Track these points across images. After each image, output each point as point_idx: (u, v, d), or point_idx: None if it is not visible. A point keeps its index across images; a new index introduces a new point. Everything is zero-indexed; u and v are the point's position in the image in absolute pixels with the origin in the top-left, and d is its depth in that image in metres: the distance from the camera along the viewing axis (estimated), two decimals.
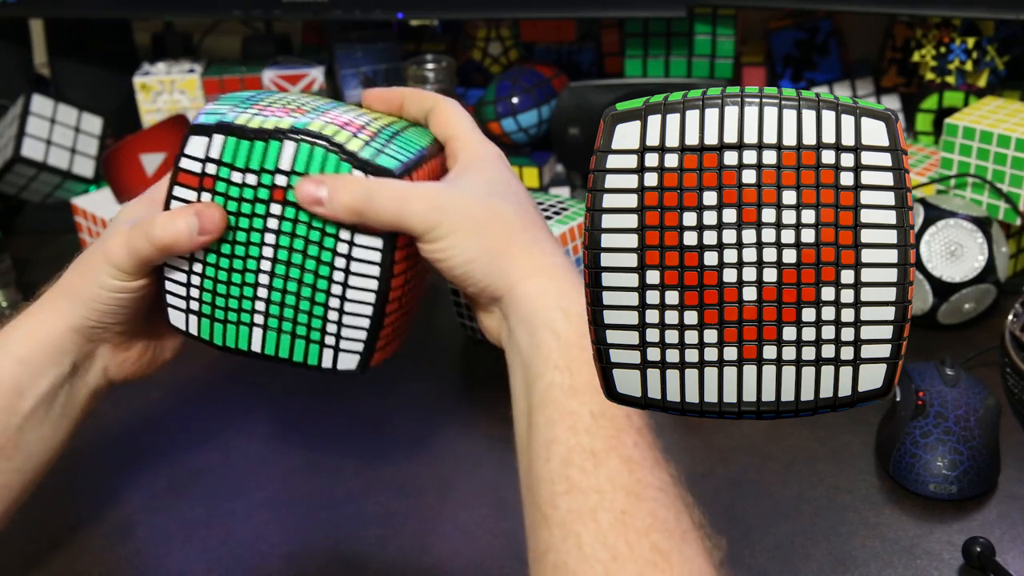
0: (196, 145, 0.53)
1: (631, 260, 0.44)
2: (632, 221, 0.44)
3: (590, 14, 0.96)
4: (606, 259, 0.44)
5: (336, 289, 0.53)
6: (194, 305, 0.55)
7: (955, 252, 0.76)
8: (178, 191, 0.54)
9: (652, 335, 0.44)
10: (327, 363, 0.55)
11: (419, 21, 1.14)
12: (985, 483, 0.63)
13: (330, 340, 0.54)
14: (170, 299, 0.56)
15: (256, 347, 0.55)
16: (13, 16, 1.07)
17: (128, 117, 1.08)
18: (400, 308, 0.56)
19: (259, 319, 0.55)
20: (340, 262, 0.53)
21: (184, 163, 0.54)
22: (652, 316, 0.44)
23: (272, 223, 0.53)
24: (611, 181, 0.44)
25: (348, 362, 0.55)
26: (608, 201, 0.44)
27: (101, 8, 1.03)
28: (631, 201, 0.44)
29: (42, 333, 0.55)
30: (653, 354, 0.45)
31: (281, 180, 0.52)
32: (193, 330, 0.56)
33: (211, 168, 0.53)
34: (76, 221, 0.95)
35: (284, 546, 0.63)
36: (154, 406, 0.77)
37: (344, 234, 0.53)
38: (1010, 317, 0.69)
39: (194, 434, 0.73)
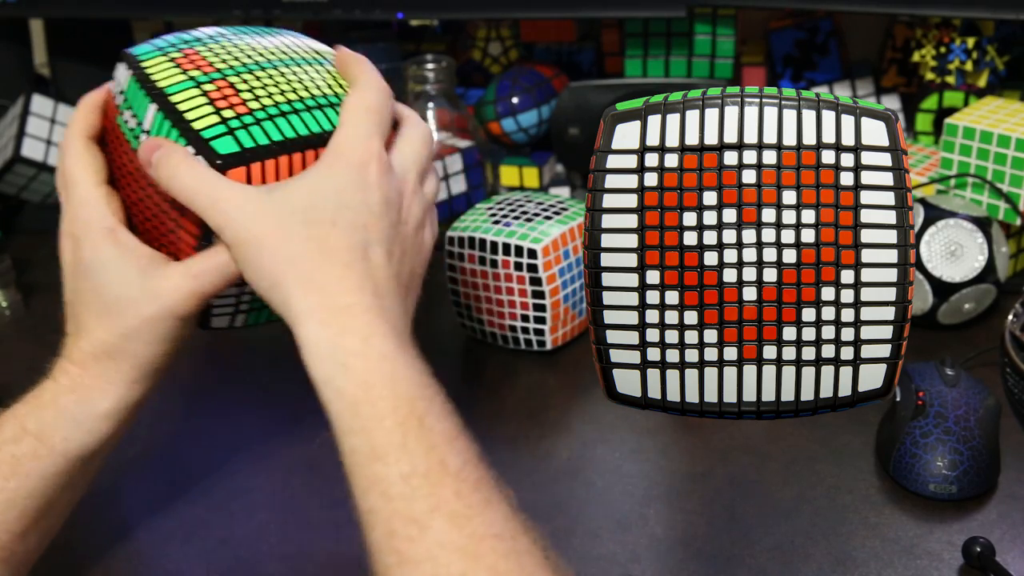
0: (118, 71, 0.57)
1: (631, 260, 0.44)
2: (632, 221, 0.44)
3: (590, 14, 0.96)
4: (606, 259, 0.44)
5: None
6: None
7: (955, 252, 0.76)
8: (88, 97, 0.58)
9: (652, 335, 0.44)
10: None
11: (419, 21, 1.14)
12: (985, 483, 0.63)
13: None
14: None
15: None
16: (13, 16, 1.07)
17: None
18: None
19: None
20: None
21: (110, 84, 0.58)
22: (652, 316, 0.44)
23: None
24: (611, 181, 0.44)
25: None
26: (608, 201, 0.44)
27: (101, 8, 1.03)
28: (631, 201, 0.44)
29: (71, 378, 0.53)
30: (653, 354, 0.45)
31: (143, 138, 0.53)
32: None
33: (119, 100, 0.56)
34: None
35: (284, 546, 0.63)
36: (154, 406, 0.77)
37: None
38: (1010, 317, 0.69)
39: (194, 434, 0.73)
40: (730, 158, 0.43)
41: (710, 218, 0.43)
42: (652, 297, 0.44)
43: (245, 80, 0.54)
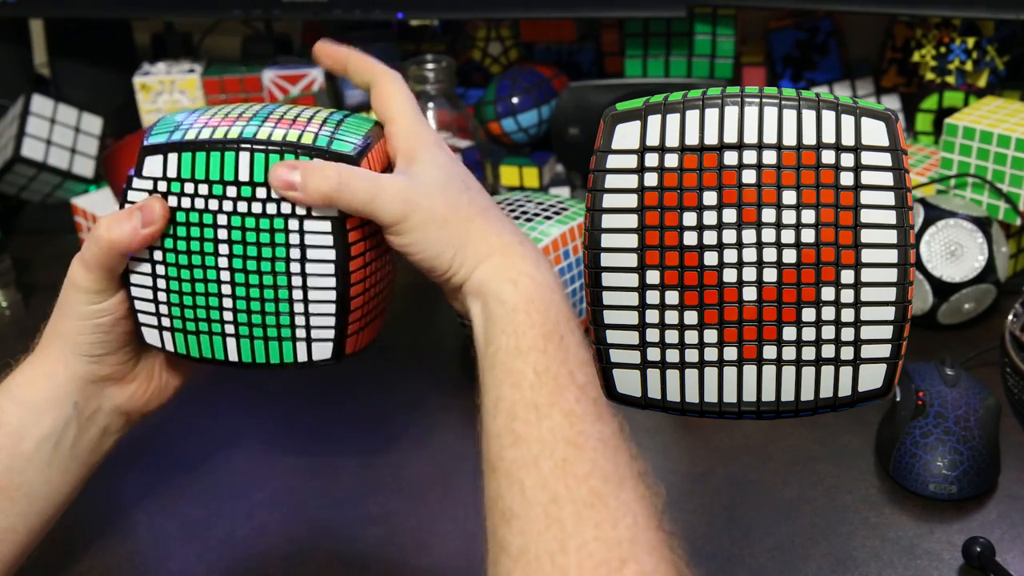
0: (152, 165, 0.54)
1: (631, 260, 0.44)
2: (632, 221, 0.44)
3: (590, 14, 0.96)
4: (606, 259, 0.44)
5: (296, 281, 0.54)
6: (165, 321, 0.56)
7: (955, 252, 0.76)
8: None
9: (652, 335, 0.44)
10: (302, 357, 0.55)
11: (419, 21, 1.14)
12: (985, 483, 0.63)
13: (301, 333, 0.54)
14: (141, 317, 0.56)
15: (232, 356, 0.55)
16: (13, 16, 1.07)
17: (128, 117, 1.08)
18: (368, 290, 0.56)
19: (229, 328, 0.55)
20: (295, 252, 0.53)
21: (136, 183, 0.54)
22: (652, 316, 0.44)
23: (222, 233, 0.53)
24: (611, 181, 0.44)
25: (322, 351, 0.55)
26: (608, 201, 0.44)
27: (101, 8, 1.03)
28: (631, 201, 0.44)
29: (41, 377, 0.55)
30: (653, 354, 0.45)
31: (232, 191, 0.53)
32: (169, 346, 0.56)
33: (162, 186, 0.54)
34: (76, 221, 0.95)
35: (284, 546, 0.63)
36: None
37: (293, 224, 0.53)
38: (1010, 317, 0.69)
39: (194, 434, 0.73)
40: (730, 158, 0.43)
41: (710, 218, 0.43)
42: (652, 297, 0.44)
43: (275, 121, 0.55)
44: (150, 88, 1.05)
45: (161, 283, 0.55)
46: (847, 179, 0.43)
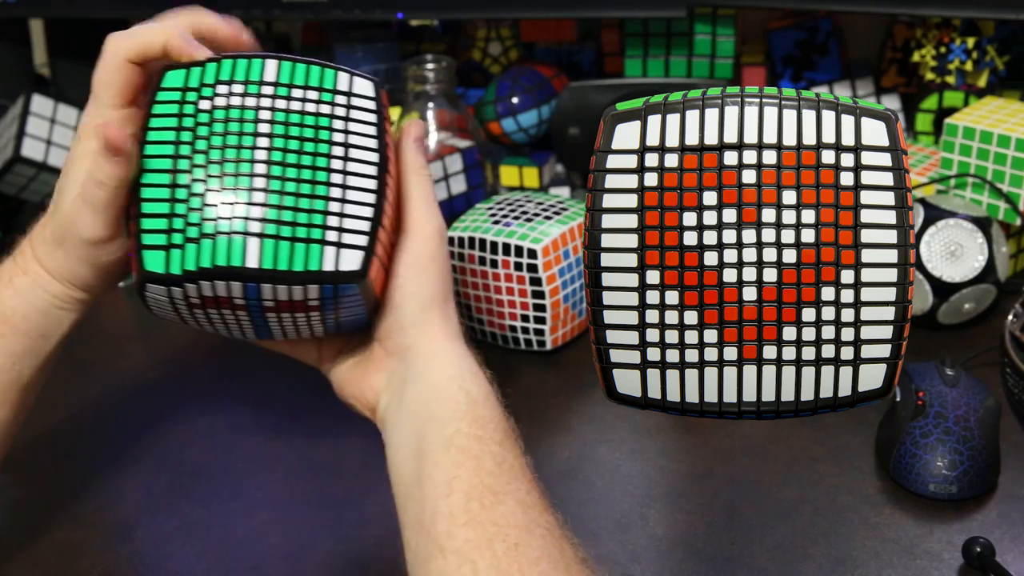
0: (174, 78, 0.54)
1: (631, 260, 0.44)
2: (632, 221, 0.44)
3: (590, 14, 0.96)
4: (606, 259, 0.44)
5: (336, 178, 0.53)
6: (176, 238, 0.51)
7: (955, 252, 0.76)
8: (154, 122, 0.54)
9: (652, 335, 0.44)
10: (329, 264, 0.52)
11: (419, 21, 1.14)
12: (985, 483, 0.63)
13: (332, 236, 0.52)
14: (149, 239, 0.52)
15: (252, 262, 0.51)
16: (13, 16, 1.07)
17: None
18: (389, 220, 0.56)
19: (255, 227, 0.51)
20: (338, 150, 0.53)
21: (160, 95, 0.54)
22: (652, 316, 0.44)
23: (263, 128, 0.53)
24: (611, 181, 0.44)
25: (351, 261, 0.52)
26: (608, 201, 0.44)
27: (101, 8, 1.03)
28: (631, 201, 0.44)
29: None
30: (653, 354, 0.45)
31: (268, 90, 0.53)
32: (175, 267, 0.51)
33: (191, 95, 0.54)
34: None
35: (284, 546, 0.63)
36: (154, 406, 0.77)
37: (338, 124, 0.54)
38: (1010, 317, 0.69)
39: (194, 434, 0.73)
40: (730, 158, 0.43)
41: (710, 218, 0.43)
42: (652, 297, 0.44)
43: None
44: None
45: (180, 192, 0.52)
46: (847, 179, 0.43)
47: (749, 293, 0.43)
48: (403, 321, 0.55)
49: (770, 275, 0.43)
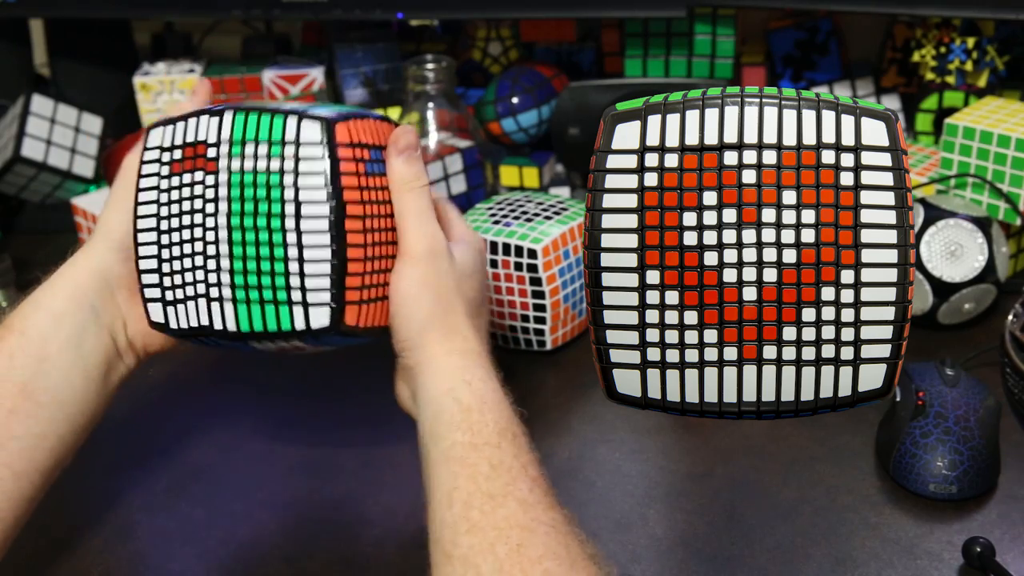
0: (154, 137, 0.58)
1: (631, 260, 0.44)
2: (632, 221, 0.44)
3: (590, 14, 0.96)
4: (606, 259, 0.44)
5: (291, 237, 0.54)
6: (168, 294, 0.57)
7: (955, 252, 0.76)
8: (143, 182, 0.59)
9: (652, 335, 0.44)
10: (299, 324, 0.54)
11: (419, 21, 1.14)
12: (985, 483, 0.63)
13: (297, 296, 0.54)
14: (148, 292, 0.58)
15: (231, 325, 0.55)
16: (13, 16, 1.07)
17: (128, 117, 1.08)
18: (369, 259, 0.56)
19: (227, 293, 0.55)
20: (289, 208, 0.54)
21: (146, 155, 0.58)
22: (652, 316, 0.44)
23: (221, 191, 0.55)
24: (611, 181, 0.44)
25: (320, 317, 0.54)
26: (608, 201, 0.44)
27: (101, 8, 1.03)
28: (631, 201, 0.44)
29: (63, 285, 0.59)
30: (653, 354, 0.45)
31: (224, 149, 0.55)
32: (173, 322, 0.57)
33: (166, 156, 0.57)
34: (76, 221, 0.95)
35: (284, 546, 0.63)
36: (154, 406, 0.77)
37: (288, 179, 0.54)
38: (1010, 317, 0.69)
39: (194, 434, 0.73)
40: (730, 158, 0.43)
41: (710, 218, 0.43)
42: (652, 297, 0.44)
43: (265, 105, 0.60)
44: (150, 88, 1.05)
45: (164, 252, 0.57)
46: (847, 179, 0.43)
47: (749, 293, 0.43)
48: (404, 344, 0.57)
49: (770, 275, 0.43)
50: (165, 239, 0.57)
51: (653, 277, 0.44)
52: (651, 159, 0.44)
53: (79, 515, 0.66)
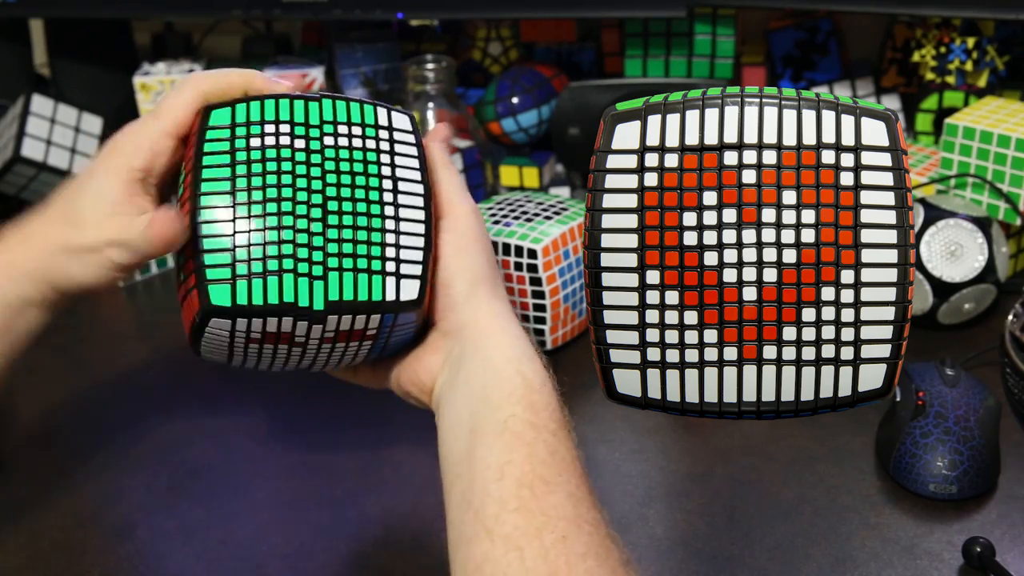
0: (220, 116, 0.54)
1: (631, 260, 0.44)
2: (632, 221, 0.44)
3: (590, 14, 0.96)
4: (606, 259, 0.44)
5: (388, 210, 0.54)
6: (241, 270, 0.51)
7: (955, 252, 0.76)
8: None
9: (652, 335, 0.44)
10: (390, 295, 0.53)
11: (419, 21, 1.14)
12: (985, 483, 0.63)
13: (391, 267, 0.54)
14: (211, 274, 0.51)
15: (318, 297, 0.52)
16: (13, 16, 1.07)
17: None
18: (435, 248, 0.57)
19: (317, 263, 0.52)
20: (387, 183, 0.55)
21: (209, 134, 0.54)
22: (652, 316, 0.44)
23: (315, 166, 0.54)
24: (611, 181, 0.44)
25: (410, 290, 0.54)
26: (608, 201, 0.44)
27: (101, 8, 1.03)
28: (631, 201, 0.44)
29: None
30: (653, 354, 0.45)
31: (315, 129, 0.55)
32: (242, 299, 0.51)
33: (240, 131, 0.54)
34: None
35: (284, 546, 0.63)
36: (154, 406, 0.77)
37: (385, 157, 0.55)
38: (1010, 317, 0.69)
39: (194, 434, 0.73)
40: (730, 158, 0.43)
41: (710, 218, 0.43)
42: (652, 297, 0.44)
43: None
44: (150, 88, 1.05)
45: (242, 226, 0.52)
46: (847, 179, 0.43)
47: (749, 293, 0.43)
48: (455, 299, 0.55)
49: (770, 275, 0.43)
50: (243, 210, 0.52)
51: (653, 277, 0.44)
52: (651, 159, 0.44)
53: (79, 515, 0.66)
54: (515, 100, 0.98)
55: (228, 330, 0.52)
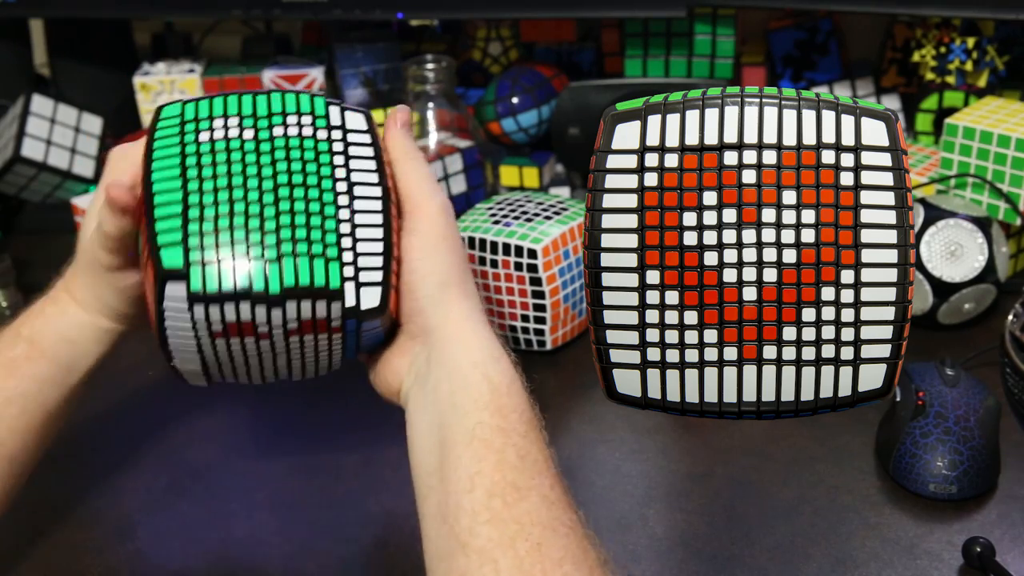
0: (171, 110, 0.54)
1: (631, 260, 0.44)
2: (632, 221, 0.44)
3: (590, 14, 0.96)
4: (606, 259, 0.44)
5: (343, 213, 0.52)
6: (194, 256, 0.50)
7: (955, 252, 0.76)
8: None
9: (652, 335, 0.44)
10: (350, 301, 0.52)
11: (419, 21, 1.14)
12: (985, 483, 0.63)
13: (348, 272, 0.52)
14: (163, 239, 0.51)
15: (274, 282, 0.51)
16: (13, 16, 1.07)
17: (128, 117, 1.08)
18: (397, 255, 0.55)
19: (270, 249, 0.51)
20: (340, 174, 0.53)
21: (161, 124, 0.54)
22: (652, 316, 0.44)
23: (264, 155, 0.53)
24: (611, 181, 0.44)
25: (371, 298, 0.52)
26: (608, 201, 0.44)
27: (101, 8, 1.03)
28: (631, 201, 0.44)
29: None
30: (653, 354, 0.45)
31: (263, 120, 0.54)
32: (196, 285, 0.50)
33: (190, 126, 0.53)
34: (76, 221, 0.95)
35: (284, 546, 0.63)
36: (154, 406, 0.77)
37: (338, 159, 0.53)
38: (1010, 317, 0.69)
39: (194, 434, 0.73)
40: (730, 158, 0.43)
41: (710, 218, 0.43)
42: (652, 297, 0.44)
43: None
44: (150, 88, 1.05)
45: (194, 213, 0.51)
46: (847, 179, 0.43)
47: (749, 293, 0.43)
48: (421, 303, 0.53)
49: (770, 275, 0.43)
50: (194, 198, 0.52)
51: (653, 277, 0.44)
52: (651, 159, 0.44)
53: (79, 515, 0.66)
54: (515, 100, 0.98)
55: (186, 309, 0.51)
